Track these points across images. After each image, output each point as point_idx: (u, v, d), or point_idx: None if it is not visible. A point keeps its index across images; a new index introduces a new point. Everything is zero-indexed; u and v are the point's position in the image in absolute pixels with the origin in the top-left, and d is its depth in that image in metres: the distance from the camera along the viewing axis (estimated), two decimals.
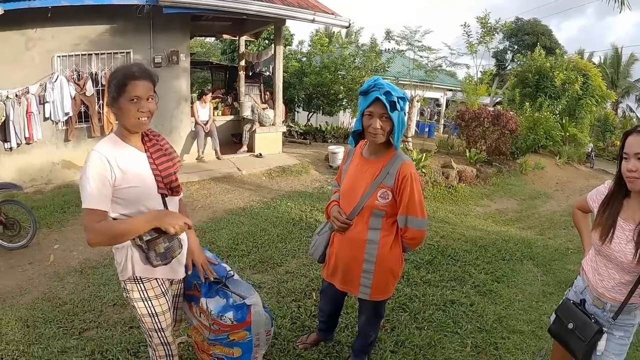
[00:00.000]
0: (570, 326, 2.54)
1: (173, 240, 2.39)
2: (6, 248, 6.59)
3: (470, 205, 10.19)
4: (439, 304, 4.57)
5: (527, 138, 14.93)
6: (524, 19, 40.80)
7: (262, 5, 10.57)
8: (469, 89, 17.73)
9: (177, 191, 2.51)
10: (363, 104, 2.73)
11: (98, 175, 2.23)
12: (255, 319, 2.83)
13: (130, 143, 2.40)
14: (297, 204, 8.19)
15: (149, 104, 2.31)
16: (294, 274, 5.20)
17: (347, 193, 2.97)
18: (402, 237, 2.90)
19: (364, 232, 2.88)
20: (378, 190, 2.80)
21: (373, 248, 2.87)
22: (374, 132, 2.69)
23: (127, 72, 2.31)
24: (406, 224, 2.80)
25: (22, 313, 4.62)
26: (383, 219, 2.85)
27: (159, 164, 2.43)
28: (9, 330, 4.26)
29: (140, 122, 2.30)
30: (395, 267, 2.96)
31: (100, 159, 2.24)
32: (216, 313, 2.74)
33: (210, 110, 11.52)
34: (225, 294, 2.82)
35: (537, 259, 6.47)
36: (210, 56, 27.23)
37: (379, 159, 2.85)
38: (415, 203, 2.76)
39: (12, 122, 9.65)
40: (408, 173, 2.74)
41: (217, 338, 2.86)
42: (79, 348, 3.85)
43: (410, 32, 15.94)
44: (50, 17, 9.31)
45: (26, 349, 3.92)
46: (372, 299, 3.00)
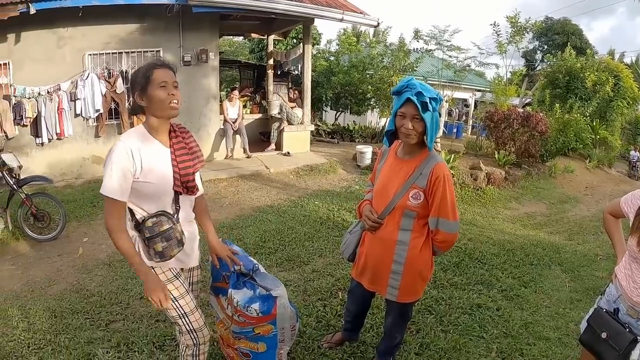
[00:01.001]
0: (604, 336, 2.48)
1: (170, 240, 2.43)
2: (36, 240, 6.76)
3: (498, 208, 10.10)
4: (465, 307, 4.55)
5: (557, 140, 14.71)
6: (554, 18, 40.25)
7: (291, 4, 10.64)
8: (498, 89, 17.52)
9: (192, 191, 2.56)
10: (396, 104, 2.75)
11: (121, 167, 2.32)
12: (281, 311, 2.87)
13: (156, 137, 2.47)
14: (325, 203, 8.21)
15: (177, 90, 2.42)
16: (320, 273, 5.22)
17: (379, 192, 2.98)
18: (432, 240, 2.88)
19: (394, 233, 2.88)
20: (410, 190, 2.79)
21: (403, 249, 2.87)
22: (406, 132, 2.70)
23: (150, 64, 2.45)
24: (437, 226, 2.79)
25: (50, 303, 4.73)
26: (414, 220, 2.84)
27: (179, 162, 2.48)
28: (37, 320, 4.36)
29: (171, 107, 2.39)
30: (424, 270, 2.95)
31: (125, 150, 2.34)
32: (242, 304, 2.80)
33: (240, 108, 11.60)
34: (253, 285, 2.88)
35: (565, 264, 6.38)
36: (238, 55, 27.42)
37: (413, 159, 2.85)
38: (448, 205, 2.74)
39: (44, 118, 9.88)
40: (441, 174, 2.72)
41: (242, 331, 2.91)
42: (105, 339, 3.93)
43: (439, 31, 15.85)
44: (81, 16, 9.50)
45: (53, 338, 4.01)
46: (399, 301, 2.99)
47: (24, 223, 6.79)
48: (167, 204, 2.51)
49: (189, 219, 2.69)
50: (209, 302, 3.37)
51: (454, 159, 10.98)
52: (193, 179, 2.53)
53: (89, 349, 3.78)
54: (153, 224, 2.42)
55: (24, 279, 5.61)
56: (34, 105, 9.86)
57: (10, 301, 4.93)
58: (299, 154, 11.94)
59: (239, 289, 2.87)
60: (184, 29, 10.85)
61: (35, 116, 9.93)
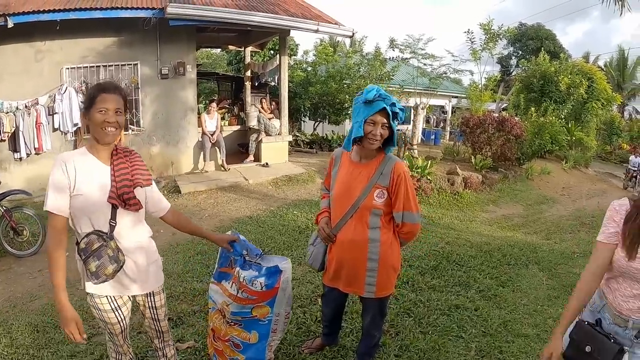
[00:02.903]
0: (588, 349, 2.35)
1: (102, 258, 2.39)
2: (16, 255, 6.75)
3: (476, 211, 10.21)
4: (444, 308, 4.60)
5: (533, 143, 14.93)
6: (528, 24, 40.82)
7: (266, 16, 10.69)
8: (473, 95, 17.76)
9: (130, 204, 2.50)
10: (366, 111, 2.82)
11: (55, 181, 2.35)
12: (283, 287, 2.98)
13: (96, 155, 2.48)
14: (303, 212, 8.25)
15: (117, 117, 2.40)
16: (299, 281, 5.24)
17: (341, 197, 3.06)
18: (399, 232, 3.03)
19: (364, 232, 2.97)
20: (374, 190, 2.91)
21: (375, 246, 2.97)
22: (374, 138, 2.81)
23: (99, 86, 2.46)
24: (403, 219, 2.95)
25: (32, 318, 4.72)
26: (381, 217, 2.96)
27: (117, 175, 2.48)
28: (19, 335, 4.35)
29: (106, 133, 2.38)
30: (396, 262, 3.10)
31: (60, 164, 2.36)
32: (249, 279, 2.90)
33: (218, 120, 11.61)
34: (259, 267, 2.97)
35: (543, 263, 6.48)
36: (216, 67, 27.41)
37: (371, 161, 2.98)
38: (410, 199, 2.92)
39: (22, 132, 9.82)
40: (402, 171, 2.90)
41: (240, 311, 2.99)
42: (87, 352, 3.93)
43: (414, 40, 16.03)
44: (59, 29, 9.46)
45: (36, 352, 4.00)
46: (377, 297, 3.07)
47: (4, 239, 6.76)
48: (103, 222, 2.46)
49: (137, 239, 2.63)
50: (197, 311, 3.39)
51: (431, 165, 11.09)
52: (130, 192, 2.49)
53: None
54: (85, 244, 2.39)
55: (5, 295, 5.59)
56: (11, 119, 9.80)
57: None
58: (277, 164, 11.97)
59: (245, 269, 2.96)
60: (161, 41, 10.86)
61: (13, 131, 9.87)
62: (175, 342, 3.11)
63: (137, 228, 2.64)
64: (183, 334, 4.12)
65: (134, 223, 2.60)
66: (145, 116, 11.06)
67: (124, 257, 2.50)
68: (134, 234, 2.60)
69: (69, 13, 9.31)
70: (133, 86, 10.77)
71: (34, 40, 9.92)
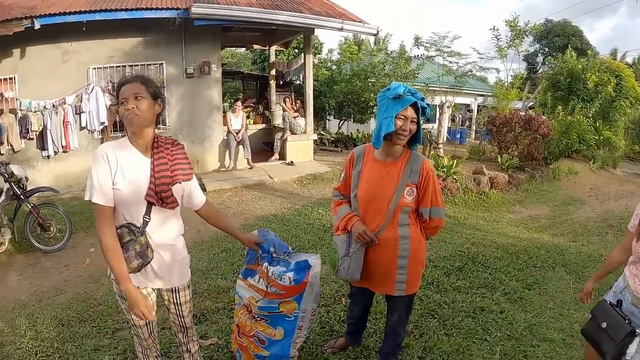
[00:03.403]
0: (604, 325, 2.56)
1: (129, 252, 2.42)
2: (43, 251, 6.85)
3: (502, 211, 10.09)
4: (469, 310, 4.58)
5: (560, 143, 14.65)
6: (554, 21, 40.24)
7: (291, 15, 10.74)
8: (499, 93, 17.55)
9: (167, 203, 2.52)
10: (397, 106, 2.82)
11: (99, 171, 2.36)
12: (312, 282, 2.99)
13: (137, 147, 2.49)
14: (328, 211, 8.23)
15: (137, 102, 2.39)
16: (324, 280, 5.22)
17: (369, 197, 3.03)
18: (425, 228, 3.08)
19: (394, 230, 2.98)
20: (405, 188, 2.92)
21: (405, 243, 2.98)
22: (403, 134, 2.83)
23: (119, 81, 2.50)
24: (430, 214, 2.99)
25: (57, 312, 4.80)
26: (409, 214, 2.99)
27: (157, 171, 2.48)
28: (44, 328, 4.43)
29: (129, 120, 2.38)
30: (423, 257, 3.18)
31: (101, 155, 2.39)
32: (277, 274, 2.94)
33: (243, 119, 11.67)
34: (287, 263, 3.01)
35: (570, 266, 6.38)
36: (241, 66, 27.49)
37: (397, 160, 2.99)
38: (437, 194, 2.99)
39: (49, 131, 10.03)
40: (430, 168, 2.95)
41: (267, 306, 3.01)
42: (111, 347, 3.99)
43: (439, 37, 15.92)
44: (85, 31, 9.63)
45: (60, 346, 4.07)
46: (407, 294, 3.09)
47: (31, 234, 6.87)
48: (137, 216, 2.49)
49: (168, 235, 2.64)
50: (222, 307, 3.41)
51: (457, 164, 10.99)
52: (169, 190, 2.50)
53: (95, 357, 3.85)
54: (118, 236, 2.43)
55: (32, 289, 5.68)
56: (39, 118, 10.02)
57: (18, 310, 5.00)
58: (302, 163, 12.01)
59: (274, 265, 3.00)
60: (186, 41, 10.97)
61: (41, 129, 10.10)
62: (198, 339, 3.13)
63: (170, 224, 2.65)
64: (206, 331, 4.17)
65: (167, 219, 2.62)
66: (171, 115, 11.17)
67: (153, 253, 2.52)
68: (166, 230, 2.61)
69: (94, 14, 9.46)
70: (159, 85, 10.84)
71: (61, 41, 10.11)
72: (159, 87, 2.58)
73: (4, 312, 5.01)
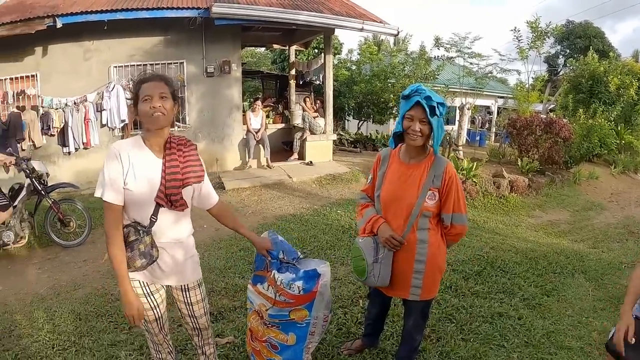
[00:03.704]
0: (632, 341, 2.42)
1: (134, 251, 2.44)
2: (62, 245, 6.98)
3: (521, 216, 10.01)
4: (487, 316, 4.54)
5: (581, 146, 14.45)
6: (575, 22, 39.78)
7: (311, 15, 10.74)
8: (520, 95, 17.41)
9: (176, 206, 2.52)
10: (404, 107, 2.84)
11: (111, 169, 2.38)
12: (321, 291, 2.95)
13: (150, 147, 2.50)
14: (347, 211, 8.25)
15: (163, 101, 2.39)
16: (341, 281, 5.25)
17: (391, 200, 3.01)
18: (446, 234, 3.02)
19: (413, 234, 2.94)
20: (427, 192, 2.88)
21: (423, 247, 2.94)
22: (414, 134, 2.80)
23: (140, 79, 2.48)
24: (452, 221, 2.93)
25: (75, 306, 4.85)
26: (430, 219, 2.94)
27: (168, 174, 2.48)
28: (62, 322, 4.49)
29: (154, 119, 2.38)
30: (442, 263, 3.08)
31: (114, 153, 2.40)
32: (286, 282, 2.89)
33: (263, 118, 11.71)
34: (296, 269, 2.96)
35: (589, 272, 6.31)
36: (260, 65, 27.58)
37: (421, 162, 2.95)
38: (460, 200, 2.92)
39: (70, 128, 10.18)
40: (453, 173, 2.90)
41: (277, 314, 2.99)
42: (127, 342, 4.02)
43: (460, 38, 15.83)
44: (107, 29, 9.75)
45: (77, 340, 4.12)
46: (422, 299, 3.04)
47: (51, 229, 7.00)
48: (145, 216, 2.50)
49: (176, 235, 2.64)
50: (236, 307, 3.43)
51: (477, 167, 10.93)
52: (178, 193, 2.50)
53: (112, 352, 3.88)
54: (124, 234, 2.46)
55: (50, 283, 5.76)
56: (61, 115, 10.17)
57: (36, 304, 5.06)
58: (321, 163, 12.00)
59: (282, 272, 2.96)
60: (207, 40, 11.03)
61: (62, 126, 10.24)
62: (215, 340, 3.14)
63: (179, 225, 2.65)
64: (223, 329, 4.19)
65: (175, 220, 2.61)
66: (191, 113, 11.25)
67: (159, 252, 2.53)
68: (173, 231, 2.62)
69: (116, 13, 9.57)
70: (179, 84, 10.95)
71: (82, 39, 10.27)
72: (177, 87, 2.59)
73: (22, 305, 5.08)
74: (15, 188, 6.72)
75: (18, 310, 4.94)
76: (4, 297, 5.42)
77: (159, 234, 2.54)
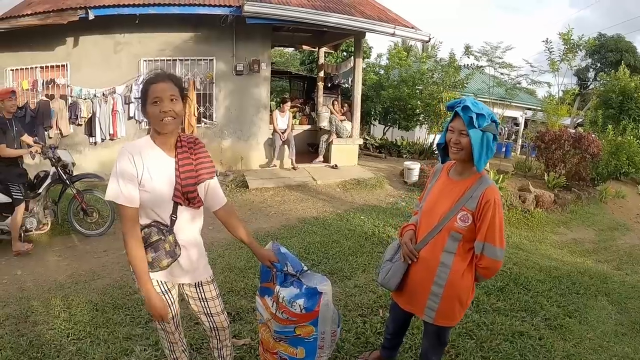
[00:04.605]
0: None
1: (159, 251, 2.43)
2: (84, 234, 7.10)
3: (546, 232, 9.85)
4: (507, 334, 4.46)
5: (609, 164, 14.17)
6: (607, 35, 39.12)
7: (343, 17, 10.74)
8: (549, 108, 17.15)
9: (193, 203, 2.53)
10: (449, 120, 2.78)
11: (123, 172, 2.35)
12: (323, 310, 2.86)
13: (161, 146, 2.48)
14: (370, 218, 8.21)
15: (173, 104, 2.37)
16: (362, 289, 5.21)
17: (427, 212, 2.93)
18: (476, 265, 2.81)
19: (437, 254, 2.82)
20: (459, 212, 2.73)
21: (444, 272, 2.79)
22: (453, 146, 2.71)
23: (148, 79, 2.44)
24: (482, 251, 2.71)
25: (92, 297, 4.89)
26: (459, 243, 2.77)
27: (182, 172, 2.47)
28: (78, 312, 4.52)
29: (164, 123, 2.36)
30: (464, 295, 2.87)
31: (127, 156, 2.38)
32: (288, 299, 2.81)
33: (290, 119, 11.74)
34: (300, 284, 2.88)
35: (612, 295, 6.15)
36: (289, 66, 27.63)
37: (464, 180, 2.81)
38: (495, 230, 2.67)
39: (98, 118, 10.37)
40: (492, 198, 2.66)
41: (283, 330, 2.93)
42: (143, 337, 4.04)
43: (491, 47, 15.68)
44: (138, 23, 9.91)
45: (93, 330, 4.15)
46: (436, 324, 2.93)
47: (74, 217, 7.13)
48: (164, 215, 2.49)
49: (193, 233, 2.67)
50: (254, 308, 3.41)
51: (503, 180, 10.79)
52: (194, 190, 2.50)
53: (127, 345, 3.90)
54: (145, 234, 2.44)
55: (69, 271, 5.84)
56: (89, 106, 10.33)
57: (54, 291, 5.13)
58: (346, 167, 11.99)
59: (286, 287, 2.88)
60: (237, 39, 11.09)
61: (90, 116, 10.38)
62: (231, 341, 3.11)
63: (195, 223, 2.68)
64: (240, 330, 4.17)
65: (193, 217, 2.64)
66: (219, 110, 11.30)
67: (180, 250, 2.54)
68: (191, 228, 2.65)
69: (148, 8, 9.66)
70: (208, 81, 11.04)
71: (114, 32, 10.43)
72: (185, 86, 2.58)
73: (40, 291, 5.15)
74: (41, 176, 6.85)
75: (35, 296, 5.01)
76: (23, 282, 5.51)
77: (179, 232, 2.55)
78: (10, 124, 6.28)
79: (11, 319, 4.49)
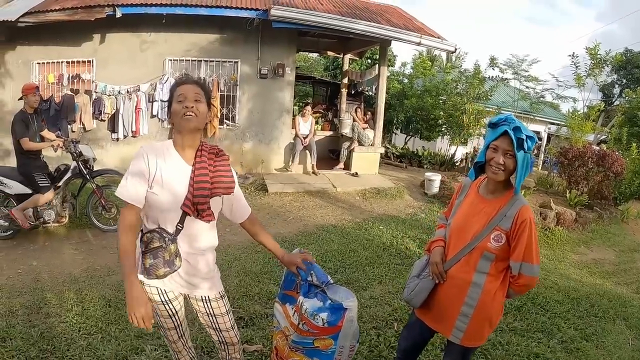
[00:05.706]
0: None
1: (157, 259, 2.36)
2: (101, 229, 7.18)
3: (565, 251, 9.68)
4: (523, 355, 4.38)
5: (632, 183, 13.89)
6: (634, 51, 38.51)
7: (369, 25, 10.76)
8: (574, 124, 16.94)
9: (203, 215, 2.44)
10: (490, 137, 2.67)
11: (136, 171, 2.34)
12: (347, 325, 2.79)
13: (180, 152, 2.45)
14: (389, 228, 8.15)
15: (196, 103, 2.36)
16: (377, 300, 5.16)
17: (458, 231, 2.85)
18: (512, 284, 2.74)
19: (469, 274, 2.74)
20: (492, 232, 2.67)
21: (476, 292, 2.72)
22: (496, 167, 2.62)
23: (177, 80, 2.47)
24: (520, 270, 2.64)
25: (106, 292, 4.91)
26: (492, 263, 2.70)
27: (196, 182, 2.41)
28: (91, 306, 4.54)
29: (186, 119, 2.34)
30: (494, 315, 2.82)
31: (142, 156, 2.35)
32: (311, 312, 2.75)
33: (312, 124, 11.73)
34: (324, 297, 2.82)
35: (631, 320, 6.00)
36: (312, 71, 27.67)
37: (497, 198, 2.74)
38: (532, 249, 2.61)
39: (121, 115, 10.52)
40: (527, 218, 2.60)
41: (301, 341, 2.86)
42: (154, 336, 4.02)
43: (517, 60, 15.53)
44: (165, 23, 10.01)
45: (104, 326, 4.16)
46: (463, 345, 2.85)
47: (92, 212, 7.20)
48: (170, 223, 2.43)
49: (200, 246, 2.57)
50: (269, 314, 3.37)
51: (525, 195, 10.66)
52: (205, 202, 2.42)
53: (137, 343, 3.90)
54: (147, 239, 2.40)
55: (84, 265, 5.88)
56: (113, 102, 10.46)
57: (68, 284, 5.17)
58: (366, 175, 11.93)
59: (310, 298, 2.82)
60: (263, 42, 11.14)
61: (113, 113, 10.52)
62: (243, 343, 3.06)
63: (204, 236, 2.58)
64: (252, 336, 4.14)
65: (201, 231, 2.55)
66: (241, 113, 11.35)
67: (181, 262, 2.46)
68: (198, 241, 2.55)
69: (175, 8, 9.76)
70: (232, 83, 11.08)
71: (140, 30, 10.55)
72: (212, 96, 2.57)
73: (54, 284, 5.20)
74: (62, 169, 6.93)
75: (49, 288, 5.06)
76: (38, 273, 5.56)
77: (183, 242, 2.48)
78: (32, 118, 6.39)
79: (24, 309, 4.53)
